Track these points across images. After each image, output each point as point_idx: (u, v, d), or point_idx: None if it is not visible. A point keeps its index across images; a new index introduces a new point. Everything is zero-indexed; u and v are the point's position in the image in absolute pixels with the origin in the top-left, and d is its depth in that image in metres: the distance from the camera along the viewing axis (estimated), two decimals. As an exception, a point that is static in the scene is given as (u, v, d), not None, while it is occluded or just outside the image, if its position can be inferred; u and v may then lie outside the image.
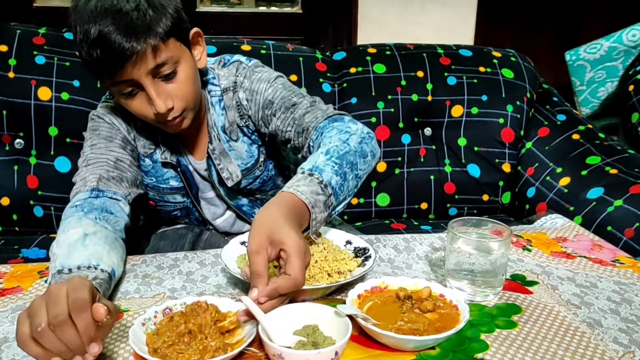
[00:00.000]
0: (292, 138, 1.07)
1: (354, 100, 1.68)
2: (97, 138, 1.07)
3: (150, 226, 1.29)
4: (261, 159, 1.17)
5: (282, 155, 1.23)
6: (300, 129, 1.05)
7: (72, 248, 0.84)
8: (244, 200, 1.22)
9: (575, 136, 1.66)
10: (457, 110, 1.72)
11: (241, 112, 1.12)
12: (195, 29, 1.04)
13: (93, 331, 0.63)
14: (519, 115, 1.72)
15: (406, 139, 1.72)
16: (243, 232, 0.99)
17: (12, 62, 1.52)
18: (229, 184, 1.14)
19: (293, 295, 0.80)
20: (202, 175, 1.17)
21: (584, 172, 1.54)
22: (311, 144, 1.03)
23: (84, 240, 0.86)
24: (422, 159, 1.73)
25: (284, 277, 0.73)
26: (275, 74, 1.12)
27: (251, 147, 1.16)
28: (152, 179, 1.15)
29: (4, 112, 1.51)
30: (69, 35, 1.60)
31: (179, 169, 1.13)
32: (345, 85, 1.70)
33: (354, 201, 1.69)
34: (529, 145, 1.73)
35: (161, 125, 1.03)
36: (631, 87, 2.06)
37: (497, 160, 1.72)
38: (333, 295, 0.86)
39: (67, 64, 1.55)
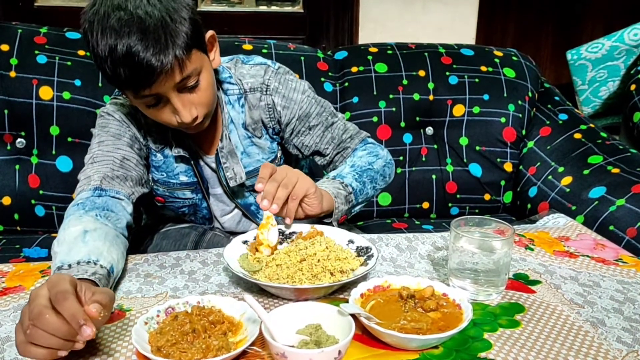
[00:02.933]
0: (329, 154, 1.20)
1: (355, 99, 1.68)
2: (106, 135, 1.07)
3: (154, 226, 1.29)
4: (279, 155, 1.22)
5: (288, 151, 1.24)
6: (341, 148, 1.20)
7: (72, 245, 0.85)
8: (251, 199, 1.23)
9: (577, 135, 1.65)
10: (458, 110, 1.72)
11: (272, 114, 1.16)
12: (210, 32, 1.05)
13: (81, 316, 0.63)
14: (520, 115, 1.72)
15: (408, 138, 1.71)
16: (248, 232, 1.00)
17: (13, 61, 1.51)
18: (232, 184, 1.16)
19: (296, 295, 0.81)
20: (212, 168, 1.18)
21: (585, 172, 1.54)
22: (338, 159, 1.21)
23: (83, 237, 0.86)
24: (423, 159, 1.73)
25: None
26: (305, 84, 1.19)
27: (272, 144, 1.20)
28: (163, 174, 1.15)
29: (6, 111, 1.51)
30: (70, 35, 1.60)
31: (192, 162, 1.14)
32: (346, 84, 1.70)
33: (356, 200, 1.69)
34: (530, 144, 1.72)
35: (183, 129, 1.04)
36: (633, 87, 2.06)
37: (498, 160, 1.72)
38: (336, 294, 0.86)
39: (69, 63, 1.55)
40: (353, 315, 0.72)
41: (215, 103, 1.06)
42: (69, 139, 1.54)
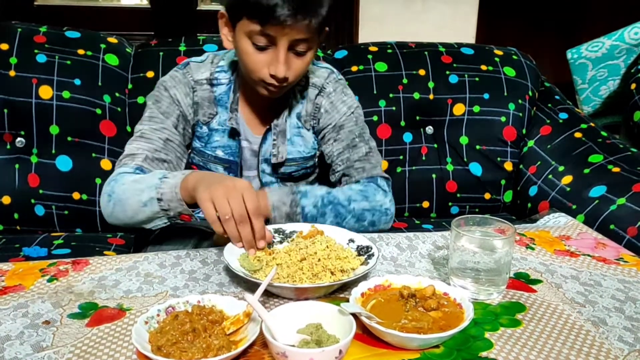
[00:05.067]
0: (337, 172, 1.23)
1: (355, 98, 1.67)
2: (157, 111, 1.17)
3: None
4: (318, 153, 1.28)
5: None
6: (347, 171, 1.22)
7: (143, 177, 1.04)
8: (276, 187, 1.26)
9: (578, 134, 1.65)
10: (458, 109, 1.72)
11: (316, 114, 1.24)
12: (326, 29, 1.10)
13: (264, 232, 0.90)
14: (520, 114, 1.72)
15: (408, 137, 1.71)
16: None
17: (13, 60, 1.51)
18: (273, 160, 1.21)
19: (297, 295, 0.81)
20: (254, 150, 1.23)
21: (586, 171, 1.53)
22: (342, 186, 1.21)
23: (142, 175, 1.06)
24: (423, 158, 1.72)
25: None
26: (356, 103, 1.27)
27: (315, 141, 1.27)
28: (202, 144, 1.22)
29: (5, 110, 1.50)
30: (69, 34, 1.60)
31: (237, 138, 1.20)
32: (347, 83, 1.69)
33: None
34: (530, 143, 1.72)
35: (261, 85, 1.10)
36: (633, 85, 2.06)
37: (499, 159, 1.71)
38: (336, 293, 0.86)
39: (68, 62, 1.54)
40: (354, 315, 0.71)
41: (299, 80, 1.14)
42: (69, 138, 1.53)
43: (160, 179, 1.02)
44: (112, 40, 1.64)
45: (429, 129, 1.74)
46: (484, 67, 1.75)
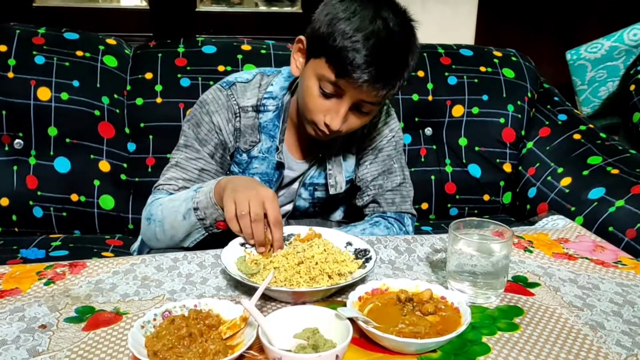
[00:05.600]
0: (366, 194, 1.22)
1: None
2: (193, 138, 1.14)
3: None
4: (354, 177, 1.25)
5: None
6: (378, 198, 1.22)
7: (178, 195, 1.06)
8: (304, 204, 1.24)
9: (577, 136, 1.65)
10: (457, 110, 1.72)
11: (358, 135, 1.20)
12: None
13: (282, 242, 0.91)
14: (519, 115, 1.72)
15: (407, 139, 1.71)
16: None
17: (11, 62, 1.51)
18: (332, 191, 1.18)
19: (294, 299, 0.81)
20: (294, 177, 1.20)
21: (585, 172, 1.53)
22: (368, 212, 1.23)
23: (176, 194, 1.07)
24: (422, 159, 1.72)
25: None
26: (398, 126, 1.25)
27: (354, 163, 1.24)
28: (240, 170, 1.19)
29: (4, 112, 1.50)
30: (68, 35, 1.60)
31: (282, 170, 1.18)
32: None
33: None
34: (530, 145, 1.72)
35: (311, 126, 1.08)
36: (632, 87, 2.05)
37: (498, 160, 1.71)
38: (333, 297, 0.86)
39: (67, 64, 1.54)
40: (351, 319, 0.71)
41: None
42: (67, 140, 1.53)
43: (195, 190, 1.02)
44: (111, 41, 1.64)
45: (428, 131, 1.74)
46: (483, 69, 1.75)
